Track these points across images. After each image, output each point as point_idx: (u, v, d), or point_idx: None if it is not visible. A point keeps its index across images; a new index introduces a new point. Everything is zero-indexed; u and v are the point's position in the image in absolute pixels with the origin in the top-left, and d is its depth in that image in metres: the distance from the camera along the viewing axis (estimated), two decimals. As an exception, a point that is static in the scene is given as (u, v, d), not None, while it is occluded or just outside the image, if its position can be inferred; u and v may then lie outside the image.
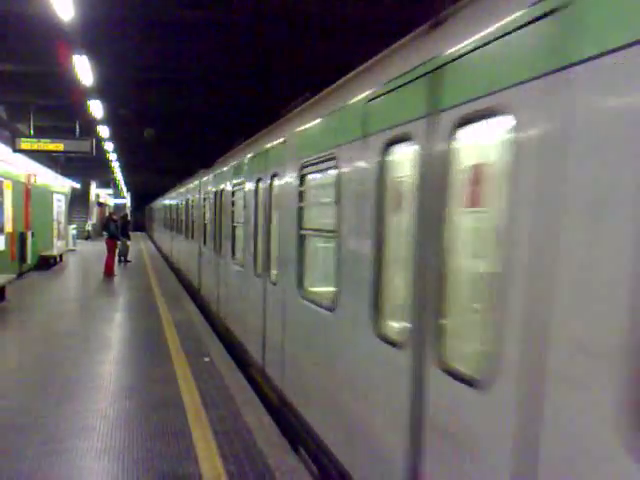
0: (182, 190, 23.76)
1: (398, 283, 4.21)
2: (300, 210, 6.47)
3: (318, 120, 6.08)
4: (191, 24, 12.63)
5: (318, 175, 6.22)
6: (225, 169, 12.45)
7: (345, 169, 5.14)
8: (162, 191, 42.61)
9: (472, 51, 3.11)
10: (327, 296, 5.71)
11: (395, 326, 4.25)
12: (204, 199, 15.87)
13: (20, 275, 22.06)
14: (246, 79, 16.86)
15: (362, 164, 4.77)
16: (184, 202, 21.67)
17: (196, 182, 18.25)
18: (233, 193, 11.24)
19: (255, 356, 8.78)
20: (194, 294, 17.20)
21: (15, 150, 20.57)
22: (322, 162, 5.71)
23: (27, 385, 8.50)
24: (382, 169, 4.35)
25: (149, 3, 11.71)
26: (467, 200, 3.57)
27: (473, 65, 3.11)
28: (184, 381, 8.62)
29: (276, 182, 7.69)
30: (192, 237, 18.63)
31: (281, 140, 7.58)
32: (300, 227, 6.43)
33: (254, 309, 8.79)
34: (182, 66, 15.64)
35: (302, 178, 6.45)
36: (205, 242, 15.20)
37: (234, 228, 10.99)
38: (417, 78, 3.64)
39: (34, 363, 9.71)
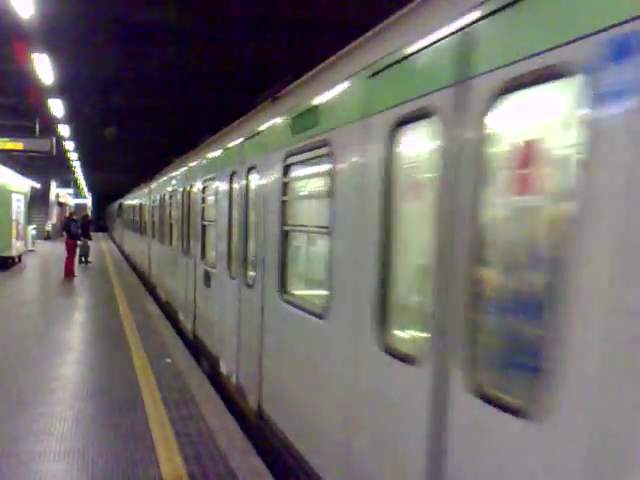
0: (162, 181, 17.63)
1: None
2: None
3: None
4: (154, 25, 12.55)
5: None
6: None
7: None
8: (124, 191, 41.93)
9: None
10: None
11: None
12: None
13: (-23, 276, 21.64)
14: (208, 79, 16.80)
15: None
16: (175, 196, 14.33)
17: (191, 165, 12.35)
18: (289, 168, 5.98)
19: None
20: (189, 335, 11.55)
21: (-27, 149, 20.19)
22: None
23: (-16, 388, 8.36)
24: None
25: (111, 2, 11.61)
26: None
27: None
28: (145, 382, 8.57)
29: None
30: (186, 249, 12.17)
31: None
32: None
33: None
34: (144, 66, 15.54)
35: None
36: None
37: (286, 234, 6.08)
38: None
39: (-9, 366, 9.54)
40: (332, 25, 11.34)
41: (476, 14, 3.01)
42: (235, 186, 8.11)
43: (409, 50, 3.65)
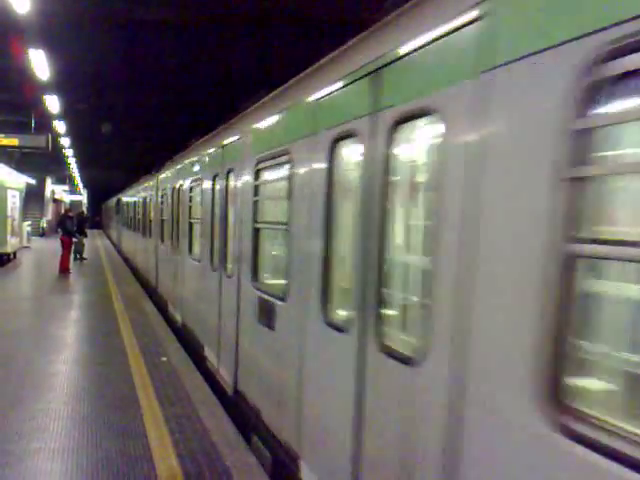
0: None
1: None
2: None
3: None
4: (151, 21, 12.53)
5: None
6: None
7: None
8: (120, 187, 41.69)
9: None
10: None
11: None
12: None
13: (-28, 272, 21.58)
14: (205, 75, 16.78)
15: None
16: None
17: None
18: None
19: None
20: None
21: (-32, 145, 20.15)
22: None
23: (-22, 385, 8.33)
24: None
25: (108, -1, 11.60)
26: None
27: None
28: (140, 380, 8.55)
29: None
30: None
31: None
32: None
33: None
34: (141, 62, 15.50)
35: None
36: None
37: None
38: None
39: (-14, 362, 9.52)
40: (332, 25, 11.34)
41: None
42: (339, 164, 4.68)
43: None
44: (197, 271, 10.32)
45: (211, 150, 9.71)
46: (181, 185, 12.55)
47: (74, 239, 24.81)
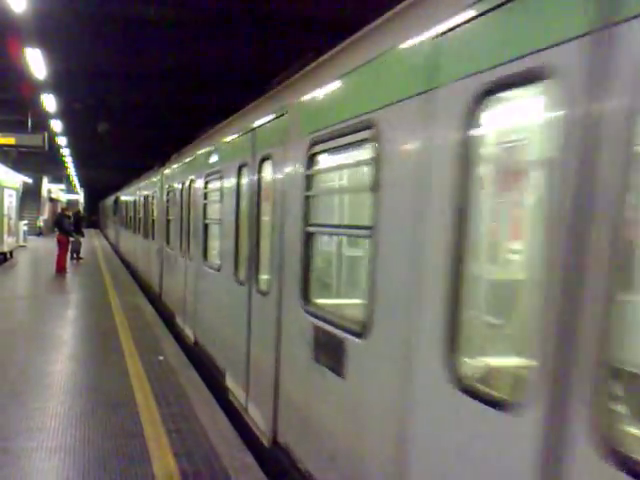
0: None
1: None
2: None
3: None
4: (147, 20, 12.51)
5: None
6: None
7: None
8: (117, 186, 41.50)
9: None
10: None
11: None
12: None
13: (-32, 272, 21.54)
14: (203, 75, 16.76)
15: None
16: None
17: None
18: None
19: None
20: None
21: (-36, 144, 20.12)
22: None
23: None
24: None
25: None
26: None
27: None
28: (137, 379, 8.54)
29: None
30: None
31: None
32: None
33: None
34: (137, 61, 15.49)
35: None
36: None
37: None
38: None
39: (-18, 362, 9.50)
40: (332, 24, 11.32)
41: None
42: (490, 133, 3.08)
43: None
44: (216, 282, 8.59)
45: (235, 136, 7.95)
46: (193, 180, 10.74)
47: (71, 238, 24.77)
